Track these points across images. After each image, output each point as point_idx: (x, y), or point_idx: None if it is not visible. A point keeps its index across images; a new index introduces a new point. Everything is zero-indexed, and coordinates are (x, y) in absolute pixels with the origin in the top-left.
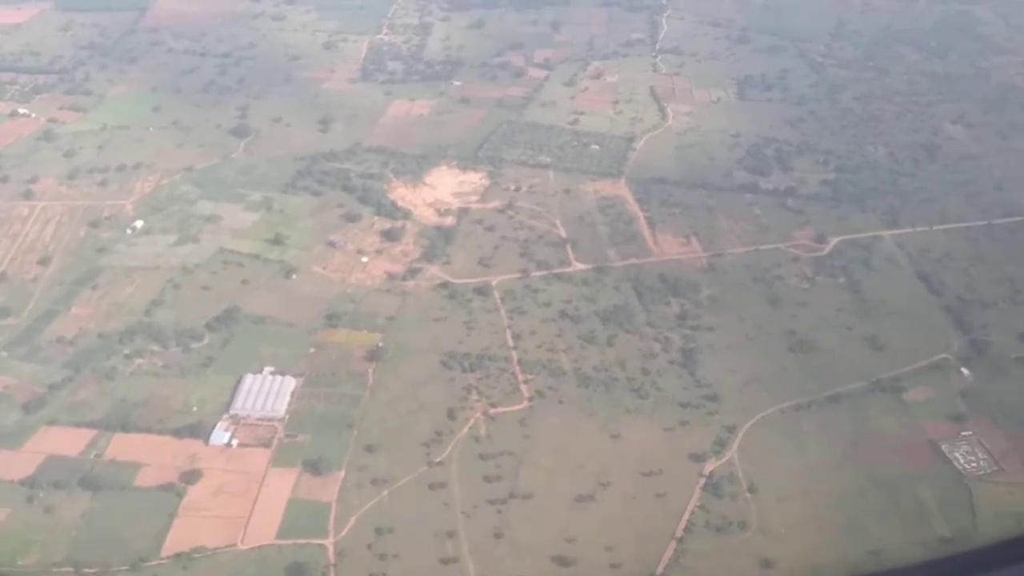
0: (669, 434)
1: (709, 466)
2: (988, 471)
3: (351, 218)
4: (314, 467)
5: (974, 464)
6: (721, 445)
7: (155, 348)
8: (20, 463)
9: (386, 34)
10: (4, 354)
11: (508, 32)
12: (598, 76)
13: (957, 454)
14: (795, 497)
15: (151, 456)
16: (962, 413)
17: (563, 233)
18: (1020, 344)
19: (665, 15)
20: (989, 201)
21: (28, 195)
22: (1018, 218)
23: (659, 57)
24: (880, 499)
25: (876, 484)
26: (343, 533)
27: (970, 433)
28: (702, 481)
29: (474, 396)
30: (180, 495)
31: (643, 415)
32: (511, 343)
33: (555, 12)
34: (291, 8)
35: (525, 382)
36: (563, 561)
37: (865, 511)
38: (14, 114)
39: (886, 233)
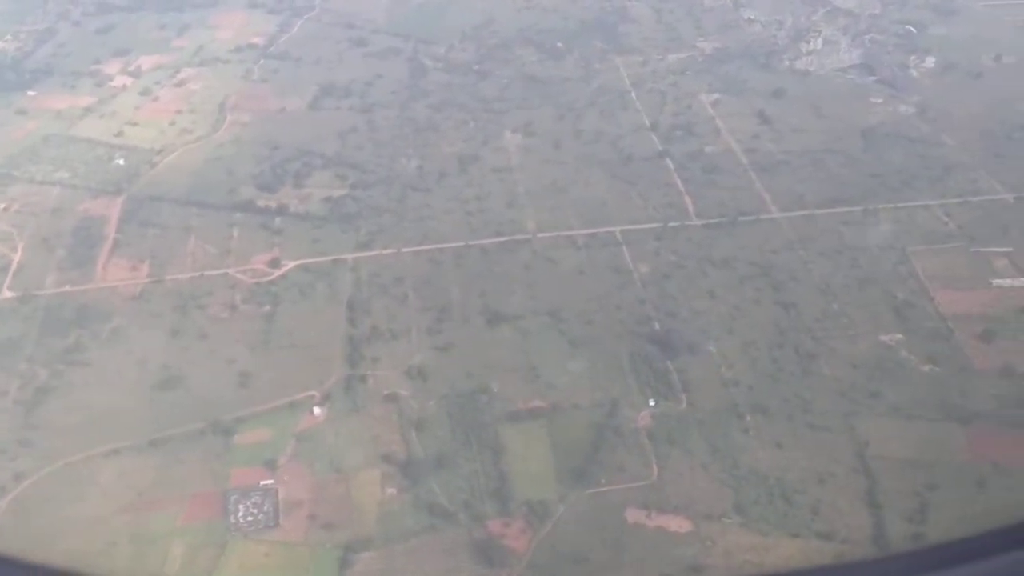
0: None
1: None
2: (264, 527)
3: None
4: None
5: (252, 519)
6: None
7: None
8: None
9: (8, 40)
10: None
11: (130, 37)
12: (181, 84)
13: (241, 506)
14: (37, 553)
15: None
16: (278, 460)
17: (18, 257)
18: (402, 379)
19: (306, 16)
20: (489, 219)
21: None
22: (503, 238)
23: (261, 62)
24: (131, 554)
25: (133, 539)
26: None
27: (271, 482)
28: None
29: None
30: None
31: None
32: None
33: (198, 15)
34: None
35: None
36: None
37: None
38: None
39: (351, 256)
